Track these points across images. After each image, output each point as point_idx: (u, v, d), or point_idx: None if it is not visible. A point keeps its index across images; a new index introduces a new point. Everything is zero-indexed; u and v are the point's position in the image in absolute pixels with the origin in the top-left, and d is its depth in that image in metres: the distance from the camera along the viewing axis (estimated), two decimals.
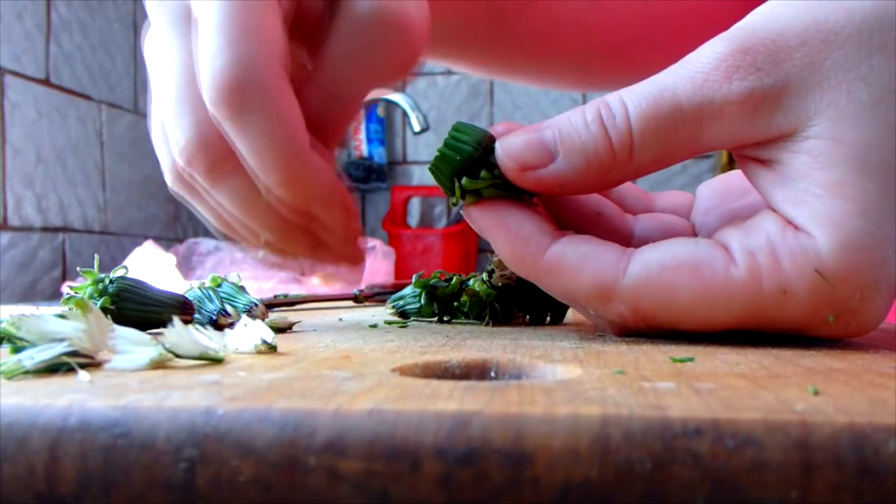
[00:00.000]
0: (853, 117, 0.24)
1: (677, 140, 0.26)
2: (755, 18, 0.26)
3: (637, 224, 0.33)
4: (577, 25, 0.51)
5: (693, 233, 0.33)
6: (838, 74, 0.25)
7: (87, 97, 1.13)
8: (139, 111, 1.26)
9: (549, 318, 0.38)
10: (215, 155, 0.29)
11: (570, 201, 0.32)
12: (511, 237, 0.27)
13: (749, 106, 0.25)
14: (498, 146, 0.28)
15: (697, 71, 0.25)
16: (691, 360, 0.23)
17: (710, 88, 0.25)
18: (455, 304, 0.39)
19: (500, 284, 0.37)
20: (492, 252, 0.34)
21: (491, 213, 0.28)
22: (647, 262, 0.26)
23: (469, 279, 0.39)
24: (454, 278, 0.39)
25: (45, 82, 1.04)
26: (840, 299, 0.25)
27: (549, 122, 0.27)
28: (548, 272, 0.27)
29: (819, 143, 0.25)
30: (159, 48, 0.31)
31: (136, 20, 1.27)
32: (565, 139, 0.26)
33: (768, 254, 0.25)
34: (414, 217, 1.62)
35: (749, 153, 0.27)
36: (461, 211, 0.29)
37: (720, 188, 0.33)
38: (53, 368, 0.20)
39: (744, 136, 0.26)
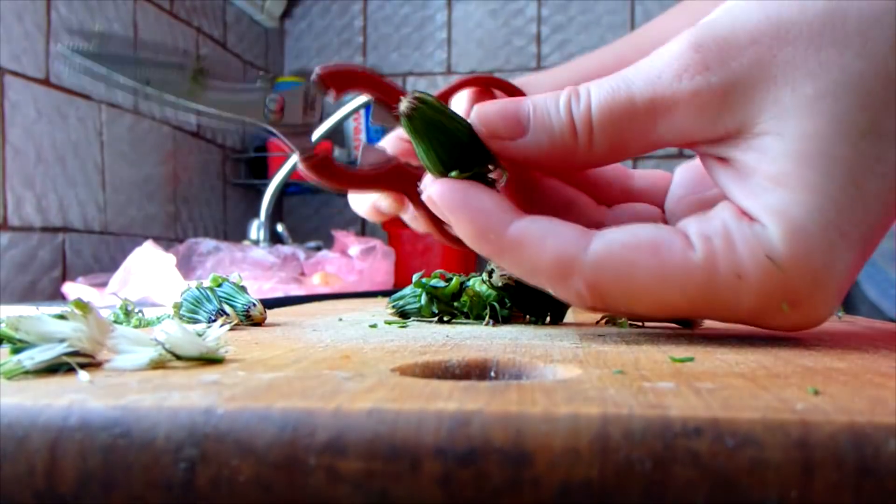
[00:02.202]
0: (795, 111, 0.25)
1: (631, 132, 0.27)
2: (714, 16, 0.27)
3: (609, 215, 0.34)
4: None
5: (664, 222, 0.34)
6: (786, 72, 0.25)
7: (87, 97, 1.13)
8: (139, 111, 1.26)
9: (549, 318, 0.38)
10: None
11: (542, 189, 0.34)
12: (473, 212, 0.28)
13: (696, 104, 0.26)
14: (475, 110, 0.29)
15: (653, 67, 0.27)
16: (691, 360, 0.23)
17: (662, 85, 0.26)
18: (455, 304, 0.39)
19: (500, 284, 0.37)
20: None
21: (453, 191, 0.28)
22: (610, 240, 0.26)
23: (469, 279, 0.39)
24: (454, 278, 0.39)
25: (45, 82, 1.04)
26: (791, 285, 0.25)
27: (528, 97, 0.29)
28: (511, 247, 0.27)
29: (765, 140, 0.26)
30: None
31: (135, 20, 1.27)
32: (537, 116, 0.28)
33: (723, 238, 0.25)
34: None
35: (705, 150, 0.28)
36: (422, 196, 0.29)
37: (694, 176, 0.34)
38: (53, 368, 0.20)
39: (693, 133, 0.27)
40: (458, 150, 0.29)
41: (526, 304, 0.38)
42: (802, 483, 0.14)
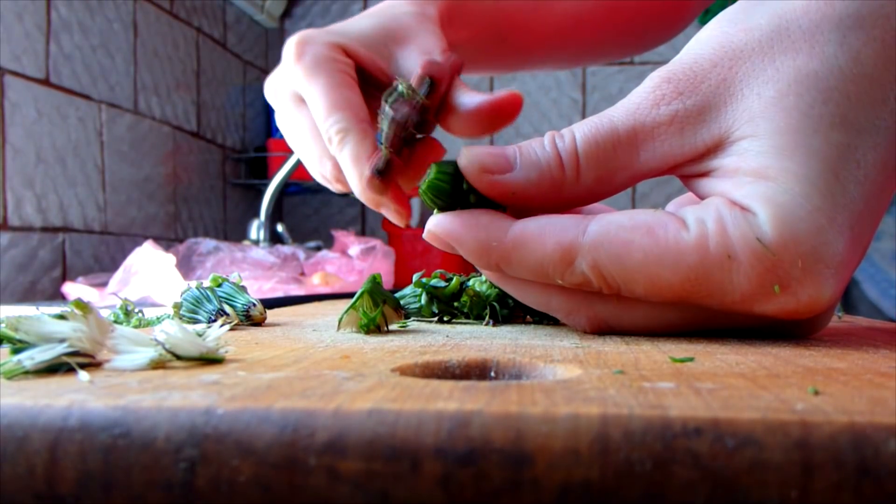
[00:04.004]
0: (764, 112, 0.27)
1: (616, 161, 0.29)
2: (678, 56, 0.30)
3: None
4: (559, 35, 0.64)
5: None
6: (748, 83, 0.28)
7: (87, 97, 1.13)
8: (139, 111, 1.26)
9: (549, 318, 0.38)
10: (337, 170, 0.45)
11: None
12: (472, 229, 0.29)
13: (676, 127, 0.29)
14: (462, 151, 0.30)
15: (631, 101, 0.29)
16: (691, 360, 0.23)
17: (641, 114, 0.29)
18: (455, 304, 0.39)
19: None
20: None
21: (447, 218, 0.30)
22: (607, 221, 0.28)
23: (469, 279, 0.39)
24: (454, 278, 0.39)
25: (45, 82, 1.04)
26: (782, 267, 0.26)
27: (512, 145, 0.31)
28: (514, 247, 0.29)
29: (743, 143, 0.28)
30: (287, 118, 0.47)
31: (135, 20, 1.27)
32: (523, 154, 0.30)
33: (716, 222, 0.27)
34: (414, 217, 1.62)
35: (687, 171, 0.30)
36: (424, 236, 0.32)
37: (685, 199, 0.35)
38: (53, 368, 0.20)
39: (675, 155, 0.29)
40: (444, 193, 0.31)
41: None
42: (802, 483, 0.14)
